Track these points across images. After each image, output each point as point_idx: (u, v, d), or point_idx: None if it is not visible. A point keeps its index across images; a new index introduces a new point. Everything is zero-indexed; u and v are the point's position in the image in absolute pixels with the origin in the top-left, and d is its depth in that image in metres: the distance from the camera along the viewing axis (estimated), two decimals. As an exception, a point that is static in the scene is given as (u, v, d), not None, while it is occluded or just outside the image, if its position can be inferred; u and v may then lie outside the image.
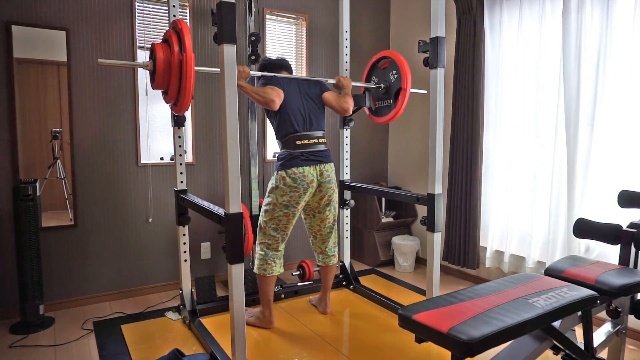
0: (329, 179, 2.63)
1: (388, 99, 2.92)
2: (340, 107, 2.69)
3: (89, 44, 2.99)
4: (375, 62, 3.01)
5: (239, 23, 3.44)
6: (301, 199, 2.56)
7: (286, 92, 2.54)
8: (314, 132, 2.61)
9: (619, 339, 1.93)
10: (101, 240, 3.13)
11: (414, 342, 1.35)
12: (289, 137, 2.56)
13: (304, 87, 2.65)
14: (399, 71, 2.81)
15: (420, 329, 1.29)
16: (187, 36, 2.01)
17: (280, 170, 2.54)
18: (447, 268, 3.82)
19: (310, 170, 2.54)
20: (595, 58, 2.68)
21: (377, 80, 2.98)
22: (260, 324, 2.69)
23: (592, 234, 2.03)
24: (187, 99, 2.07)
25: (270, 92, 2.45)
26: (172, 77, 2.06)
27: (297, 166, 2.51)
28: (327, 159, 2.65)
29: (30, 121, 2.85)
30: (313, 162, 2.56)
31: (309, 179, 2.53)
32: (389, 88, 2.91)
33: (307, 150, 2.56)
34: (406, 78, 2.77)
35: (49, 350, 2.50)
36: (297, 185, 2.51)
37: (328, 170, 2.63)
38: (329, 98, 2.69)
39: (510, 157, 3.25)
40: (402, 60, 2.81)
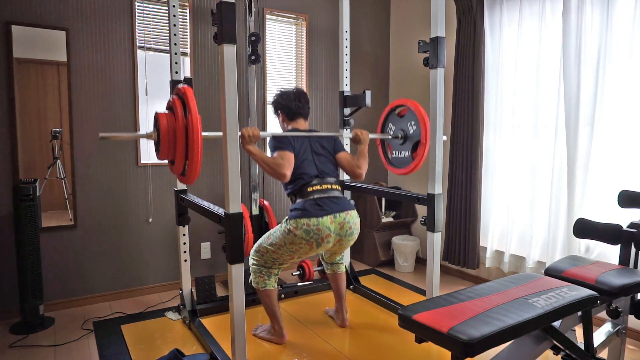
0: (350, 231, 2.37)
1: (405, 150, 2.80)
2: (352, 171, 2.48)
3: (89, 44, 2.99)
4: (393, 109, 2.91)
5: (239, 23, 3.44)
6: (312, 252, 2.35)
7: (297, 150, 2.38)
8: (327, 178, 2.42)
9: (619, 339, 1.93)
10: (101, 240, 3.13)
11: (414, 342, 1.35)
12: (300, 187, 2.36)
13: (317, 143, 2.49)
14: (417, 122, 2.68)
15: (420, 329, 1.29)
16: (191, 100, 1.94)
17: (291, 220, 2.28)
18: (447, 268, 3.81)
19: (326, 223, 2.27)
20: (595, 58, 2.68)
21: (394, 129, 2.86)
22: (271, 339, 2.54)
23: (592, 234, 2.03)
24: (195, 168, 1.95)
25: (281, 163, 2.24)
26: (177, 145, 1.97)
27: (309, 217, 2.25)
28: (348, 206, 2.39)
29: (30, 121, 2.85)
30: (329, 212, 2.29)
31: (325, 232, 2.27)
32: (406, 139, 2.78)
33: (321, 196, 2.34)
34: (426, 131, 2.63)
35: (49, 350, 2.49)
36: (309, 239, 2.26)
37: (350, 222, 2.35)
38: (342, 159, 2.52)
39: (510, 157, 3.24)
40: (421, 111, 2.68)
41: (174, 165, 2.10)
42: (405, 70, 4.23)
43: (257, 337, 2.60)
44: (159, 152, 2.06)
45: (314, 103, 3.95)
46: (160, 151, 2.05)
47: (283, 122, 2.61)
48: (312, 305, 3.09)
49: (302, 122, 2.57)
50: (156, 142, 2.07)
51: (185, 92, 1.98)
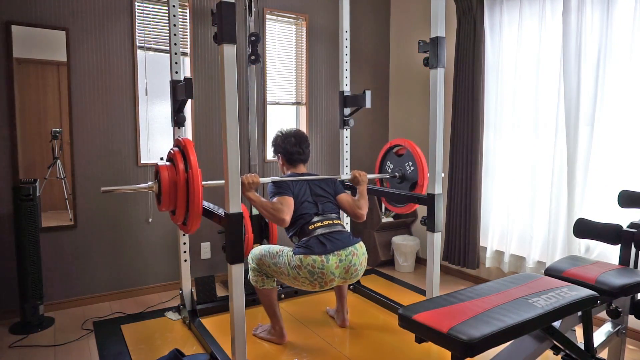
0: (356, 274, 2.32)
1: (404, 189, 2.87)
2: (354, 213, 2.50)
3: (89, 44, 2.99)
4: (390, 149, 2.98)
5: (239, 23, 3.44)
6: (313, 290, 2.35)
7: (296, 194, 2.39)
8: (328, 215, 2.41)
9: (619, 339, 1.93)
10: (101, 240, 3.13)
11: (414, 342, 1.35)
12: (301, 227, 2.36)
13: (316, 187, 2.50)
14: (415, 164, 2.74)
15: (420, 329, 1.29)
16: (191, 152, 1.98)
17: (296, 256, 2.24)
18: (447, 268, 3.81)
19: (331, 268, 2.21)
20: (595, 58, 2.68)
21: (392, 168, 2.93)
22: (271, 339, 2.54)
23: (592, 234, 2.03)
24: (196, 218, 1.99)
25: (280, 209, 2.23)
26: (179, 196, 2.01)
27: (315, 254, 2.20)
28: (353, 241, 2.33)
29: (30, 121, 2.84)
30: (334, 249, 2.23)
31: (329, 277, 2.22)
32: (404, 179, 2.85)
33: (324, 232, 2.30)
34: (423, 173, 2.70)
35: (49, 350, 2.49)
36: (312, 280, 2.23)
37: (356, 264, 2.29)
38: (343, 201, 2.53)
39: (510, 157, 3.24)
40: (418, 153, 2.73)
41: (174, 215, 2.13)
42: (405, 70, 4.22)
43: (257, 337, 2.60)
44: (160, 204, 2.09)
45: (315, 104, 3.95)
46: (161, 202, 2.10)
47: (282, 166, 2.64)
48: (312, 305, 3.09)
49: (301, 167, 2.61)
50: (157, 194, 2.11)
51: (186, 145, 2.01)
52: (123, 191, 2.24)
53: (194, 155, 2.00)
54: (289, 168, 2.61)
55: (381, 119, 4.38)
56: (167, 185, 2.03)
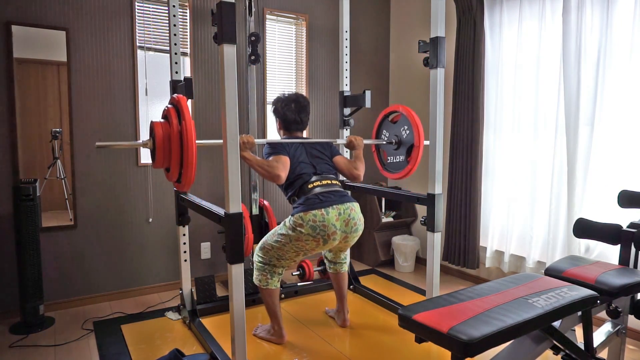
0: (356, 227, 2.36)
1: (400, 155, 2.85)
2: (350, 173, 2.52)
3: (89, 44, 2.99)
4: (386, 116, 2.95)
5: (239, 23, 3.44)
6: (318, 249, 2.33)
7: (292, 154, 2.39)
8: (326, 175, 2.43)
9: (619, 339, 1.93)
10: (101, 240, 3.13)
11: (414, 342, 1.35)
12: (299, 187, 2.36)
13: (313, 149, 2.51)
14: (410, 127, 2.73)
15: (420, 329, 1.29)
16: (185, 108, 1.97)
17: (296, 215, 2.26)
18: (447, 268, 3.81)
19: (332, 220, 2.24)
20: (595, 58, 2.68)
21: (388, 135, 2.91)
22: (271, 339, 2.54)
23: (592, 234, 2.03)
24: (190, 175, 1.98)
25: (275, 165, 2.26)
26: (172, 151, 2.00)
27: (315, 209, 2.23)
28: (350, 199, 2.38)
29: (30, 121, 2.85)
30: (333, 203, 2.27)
31: (331, 230, 2.24)
32: (400, 144, 2.83)
33: (322, 190, 2.32)
34: (419, 134, 2.68)
35: (49, 350, 2.49)
36: (315, 235, 2.23)
37: (355, 218, 2.34)
38: (339, 162, 2.55)
39: (510, 157, 3.24)
40: (413, 116, 2.72)
41: (169, 173, 2.12)
42: (405, 70, 4.22)
43: (257, 337, 2.60)
44: (155, 160, 2.08)
45: (314, 103, 3.95)
46: (155, 159, 2.08)
47: (279, 130, 2.62)
48: (312, 305, 3.09)
49: (298, 134, 2.59)
50: (152, 150, 2.10)
51: (180, 101, 2.00)
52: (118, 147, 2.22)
53: (188, 110, 1.97)
54: (285, 133, 2.58)
55: (381, 119, 4.38)
56: (161, 140, 2.01)
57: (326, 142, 2.60)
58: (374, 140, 2.92)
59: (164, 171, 2.22)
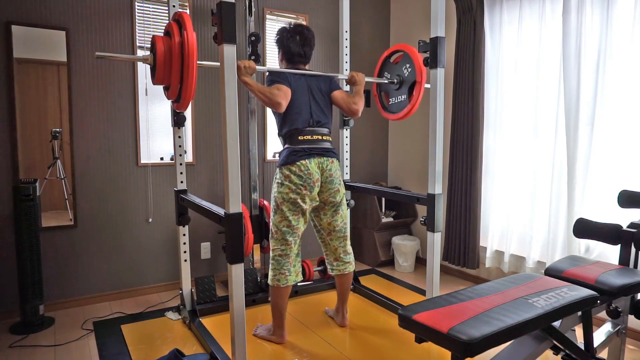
0: (331, 179, 2.47)
1: (402, 94, 2.79)
2: (349, 108, 2.52)
3: (89, 44, 2.99)
4: (387, 57, 2.89)
5: (239, 23, 3.44)
6: (307, 198, 2.41)
7: (293, 88, 2.40)
8: (319, 129, 2.49)
9: (619, 339, 1.93)
10: (101, 240, 3.13)
11: (414, 342, 1.35)
12: (292, 132, 2.43)
13: (314, 83, 2.51)
14: (412, 64, 2.68)
15: (420, 329, 1.29)
16: (188, 22, 1.92)
17: (284, 167, 2.39)
18: (447, 268, 3.81)
19: (314, 167, 2.40)
20: (595, 58, 2.68)
21: (390, 76, 2.86)
22: (271, 338, 2.55)
23: (592, 234, 2.03)
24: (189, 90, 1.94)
25: (277, 93, 2.28)
26: (173, 67, 1.95)
27: (300, 160, 2.37)
28: (331, 155, 2.50)
29: (30, 121, 2.85)
30: (316, 155, 2.42)
31: (315, 177, 2.40)
32: (402, 83, 2.78)
33: (310, 145, 2.43)
34: (421, 71, 2.63)
35: (49, 350, 2.49)
36: (303, 183, 2.37)
37: (331, 169, 2.47)
38: (338, 97, 2.54)
39: (511, 157, 3.24)
40: (415, 54, 2.67)
41: (168, 91, 2.09)
42: (405, 70, 4.22)
43: (257, 337, 2.60)
44: (155, 77, 2.02)
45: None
46: (155, 76, 2.03)
47: (281, 62, 2.60)
48: (312, 305, 3.09)
49: (301, 67, 2.56)
50: (152, 67, 2.05)
51: (182, 15, 1.96)
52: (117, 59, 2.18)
53: (191, 26, 1.93)
54: (287, 66, 2.56)
55: (381, 118, 4.38)
56: (162, 55, 1.96)
57: (327, 77, 2.58)
58: (375, 78, 2.86)
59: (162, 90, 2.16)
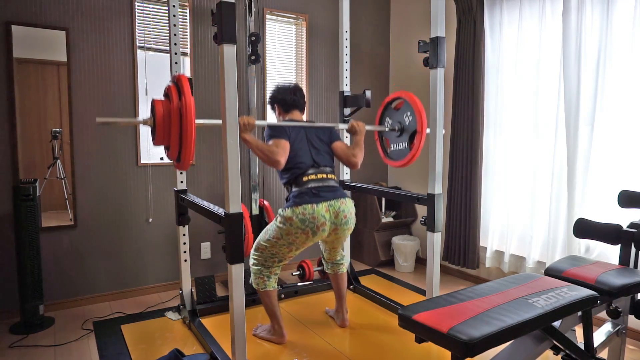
0: (345, 220, 2.38)
1: (403, 142, 2.82)
2: (348, 160, 2.51)
3: (89, 44, 2.99)
4: (389, 103, 2.93)
5: (239, 23, 3.44)
6: (309, 242, 2.35)
7: (292, 139, 2.39)
8: (323, 168, 2.44)
9: (619, 339, 1.93)
10: (101, 240, 3.13)
11: (414, 342, 1.35)
12: (295, 176, 2.38)
13: (312, 133, 2.51)
14: (413, 113, 2.71)
15: (420, 329, 1.29)
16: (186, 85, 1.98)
17: (287, 209, 2.30)
18: (447, 268, 3.81)
19: (321, 211, 2.28)
20: (595, 58, 2.68)
21: (391, 122, 2.89)
22: (271, 338, 2.55)
23: (592, 234, 2.03)
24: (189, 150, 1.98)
25: (275, 151, 2.26)
26: (172, 130, 2.00)
27: (305, 204, 2.27)
28: (343, 194, 2.42)
29: (30, 121, 2.85)
30: (324, 199, 2.32)
31: (320, 221, 2.28)
32: (403, 130, 2.81)
33: (316, 185, 2.35)
34: (422, 120, 2.66)
35: (49, 350, 2.49)
36: (304, 228, 2.27)
37: (345, 210, 2.37)
38: (338, 148, 2.53)
39: (510, 157, 3.24)
40: (416, 102, 2.71)
41: (169, 151, 2.12)
42: (405, 70, 4.22)
43: (257, 337, 2.60)
44: (155, 138, 2.07)
45: (314, 103, 3.95)
46: (156, 137, 2.06)
47: (279, 115, 2.63)
48: (312, 305, 3.09)
49: (297, 114, 2.58)
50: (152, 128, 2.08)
51: (180, 78, 2.01)
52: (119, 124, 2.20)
53: (189, 90, 1.98)
54: (285, 116, 2.59)
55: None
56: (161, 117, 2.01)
57: (327, 127, 2.59)
58: (375, 127, 2.89)
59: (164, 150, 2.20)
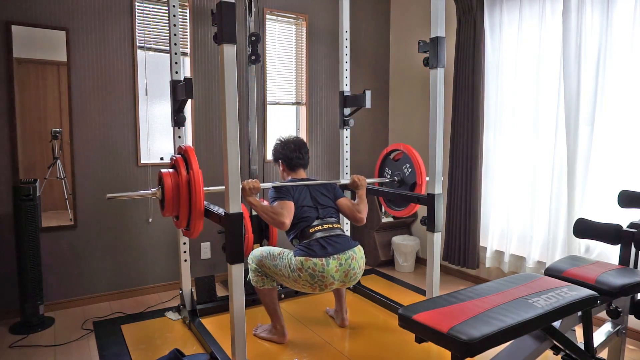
0: (355, 277, 2.34)
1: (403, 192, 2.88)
2: (353, 217, 2.54)
3: (89, 44, 2.99)
4: (387, 154, 3.01)
5: (239, 23, 3.44)
6: (313, 293, 2.36)
7: (296, 198, 2.42)
8: (328, 219, 2.44)
9: (619, 339, 1.93)
10: (101, 240, 3.13)
11: (414, 342, 1.35)
12: (302, 230, 2.38)
13: (316, 190, 2.53)
14: (412, 165, 2.79)
15: (420, 329, 1.29)
16: (193, 157, 2.04)
17: (297, 257, 2.25)
18: (447, 268, 3.81)
19: (331, 272, 2.22)
20: (595, 58, 2.68)
21: (391, 173, 2.98)
22: (272, 338, 2.55)
23: (592, 234, 2.03)
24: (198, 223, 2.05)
25: (280, 212, 2.27)
26: (181, 201, 2.06)
27: (315, 257, 2.22)
28: (352, 244, 2.36)
29: (30, 121, 2.85)
30: (334, 253, 2.26)
31: (329, 281, 2.23)
32: (402, 182, 2.89)
33: (323, 235, 2.33)
34: (420, 173, 2.74)
35: (49, 350, 2.49)
36: (312, 283, 2.24)
37: (355, 268, 2.31)
38: (343, 205, 2.56)
39: (511, 157, 3.24)
40: (414, 154, 2.79)
41: (178, 221, 2.17)
42: (405, 70, 4.22)
43: (257, 336, 2.60)
44: (164, 209, 2.13)
45: (314, 103, 3.95)
46: (165, 208, 2.13)
47: (283, 172, 2.68)
48: (312, 305, 3.09)
49: (301, 172, 2.64)
50: (161, 200, 2.15)
51: (187, 151, 2.07)
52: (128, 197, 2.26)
53: (196, 162, 2.06)
54: (289, 174, 2.64)
55: (381, 119, 4.38)
56: (171, 191, 2.07)
57: (330, 184, 2.63)
58: (377, 179, 3.00)
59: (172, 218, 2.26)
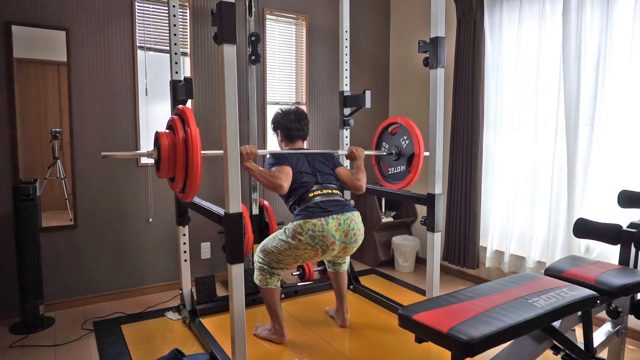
0: (355, 238, 2.36)
1: (401, 165, 2.86)
2: (352, 184, 2.52)
3: (89, 44, 2.99)
4: (385, 128, 2.98)
5: (239, 23, 3.44)
6: (316, 258, 2.34)
7: (294, 165, 2.41)
8: (327, 185, 2.44)
9: (619, 339, 1.93)
10: (101, 240, 3.13)
11: (414, 342, 1.35)
12: (300, 196, 2.37)
13: (314, 159, 2.53)
14: (410, 136, 2.77)
15: (420, 329, 1.29)
16: (190, 117, 2.00)
17: (295, 222, 2.26)
18: (447, 268, 3.81)
19: (331, 230, 2.24)
20: (595, 58, 2.68)
21: (388, 147, 2.94)
22: (272, 338, 2.54)
23: (592, 234, 2.03)
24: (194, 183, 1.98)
25: (278, 175, 2.26)
26: (178, 162, 2.01)
27: (314, 218, 2.23)
28: (351, 209, 2.38)
29: (30, 121, 2.85)
30: (333, 213, 2.28)
31: (330, 240, 2.25)
32: (400, 154, 2.86)
33: (323, 199, 2.33)
34: (418, 143, 2.72)
35: (49, 350, 2.49)
36: (314, 245, 2.24)
37: (354, 228, 2.33)
38: (341, 174, 2.56)
39: (510, 157, 3.24)
40: (412, 126, 2.76)
41: (173, 183, 2.14)
42: (405, 70, 4.22)
43: (257, 337, 2.60)
44: (159, 170, 2.10)
45: (314, 103, 3.96)
46: (160, 169, 2.09)
47: (281, 142, 2.65)
48: (312, 305, 3.09)
49: (300, 144, 2.63)
50: (156, 160, 2.11)
51: (184, 110, 2.03)
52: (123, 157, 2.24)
53: (193, 118, 2.00)
54: (287, 144, 2.62)
55: (381, 118, 4.38)
56: (167, 151, 2.02)
57: (328, 154, 2.62)
58: (374, 152, 2.95)
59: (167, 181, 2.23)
